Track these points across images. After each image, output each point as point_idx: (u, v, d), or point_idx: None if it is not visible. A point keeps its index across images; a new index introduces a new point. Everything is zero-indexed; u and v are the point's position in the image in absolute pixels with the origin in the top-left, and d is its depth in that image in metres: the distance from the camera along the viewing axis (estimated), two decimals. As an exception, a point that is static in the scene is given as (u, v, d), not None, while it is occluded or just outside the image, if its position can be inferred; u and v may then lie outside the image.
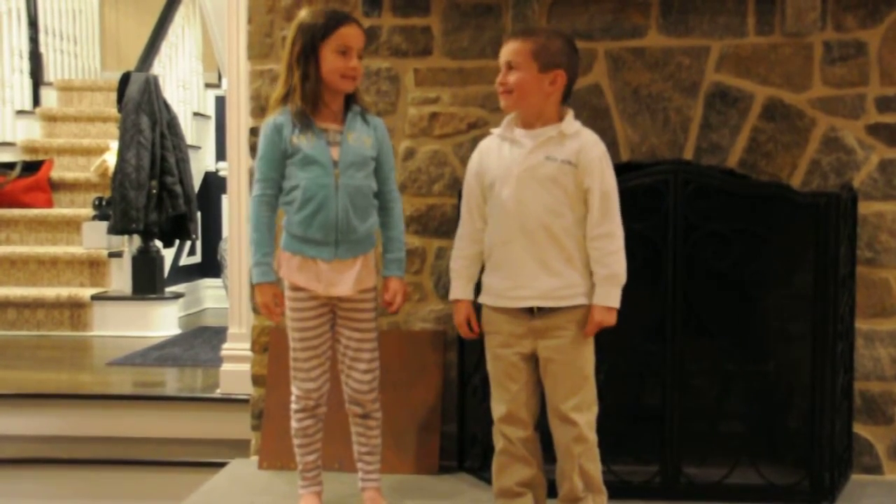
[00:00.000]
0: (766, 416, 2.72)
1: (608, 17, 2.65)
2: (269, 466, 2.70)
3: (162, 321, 4.62)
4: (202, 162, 5.76)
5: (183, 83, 5.63)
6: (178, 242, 5.10)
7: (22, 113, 5.82)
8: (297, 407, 2.29)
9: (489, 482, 2.30)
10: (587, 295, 2.07)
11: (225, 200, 5.15)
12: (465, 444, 2.68)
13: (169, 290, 4.89)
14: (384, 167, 2.27)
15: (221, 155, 5.50)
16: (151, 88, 4.62)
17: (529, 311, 2.09)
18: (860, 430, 2.65)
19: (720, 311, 2.51)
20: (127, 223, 4.49)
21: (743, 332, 2.65)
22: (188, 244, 5.50)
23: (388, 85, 2.74)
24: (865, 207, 2.62)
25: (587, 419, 2.10)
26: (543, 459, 2.20)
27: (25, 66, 5.91)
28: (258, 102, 2.77)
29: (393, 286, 2.28)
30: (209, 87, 6.01)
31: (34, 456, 2.98)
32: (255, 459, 2.77)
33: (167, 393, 3.32)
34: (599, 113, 2.65)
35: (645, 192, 2.42)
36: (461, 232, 2.21)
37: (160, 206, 4.61)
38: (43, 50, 6.10)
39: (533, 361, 2.13)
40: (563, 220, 2.06)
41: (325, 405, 2.31)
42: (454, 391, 2.69)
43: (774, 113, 2.63)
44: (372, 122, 2.26)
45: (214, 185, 5.73)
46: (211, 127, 5.93)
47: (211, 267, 5.69)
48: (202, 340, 4.33)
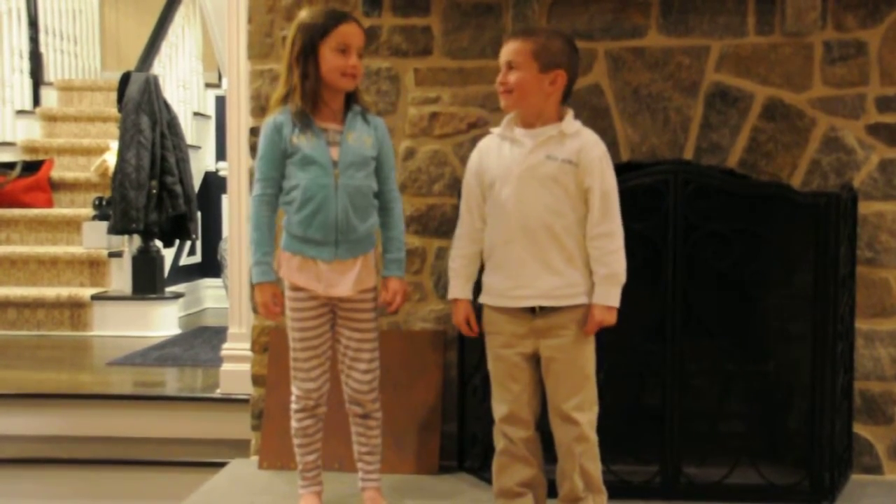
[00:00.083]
0: (766, 416, 2.72)
1: (608, 16, 2.65)
2: (269, 466, 2.70)
3: (162, 321, 4.62)
4: (202, 162, 5.75)
5: (183, 83, 5.63)
6: (178, 242, 5.10)
7: (22, 113, 5.82)
8: (297, 407, 2.29)
9: (489, 482, 2.30)
10: (588, 294, 2.07)
11: (225, 200, 5.14)
12: (465, 443, 2.68)
13: (169, 289, 4.89)
14: (384, 167, 2.27)
15: (221, 155, 5.50)
16: (151, 88, 4.62)
17: (531, 310, 2.09)
18: (860, 430, 2.65)
19: (720, 311, 2.51)
20: (127, 223, 4.49)
21: (743, 332, 2.65)
22: (188, 244, 5.50)
23: (388, 85, 2.74)
24: (865, 207, 2.62)
25: (588, 419, 2.10)
26: (544, 459, 2.20)
27: (25, 65, 5.91)
28: (258, 102, 2.77)
29: (392, 286, 2.27)
30: (209, 86, 6.01)
31: (34, 456, 2.98)
32: (255, 459, 2.77)
33: (167, 393, 3.32)
34: (599, 113, 2.65)
35: (645, 191, 2.42)
36: (460, 231, 2.21)
37: (160, 205, 4.61)
38: (43, 50, 6.10)
39: (534, 361, 2.13)
40: (564, 219, 2.05)
41: (325, 405, 2.31)
42: (454, 391, 2.69)
43: (774, 113, 2.63)
44: (372, 121, 2.26)
45: (214, 184, 5.73)
46: (211, 127, 5.92)
47: (211, 267, 5.69)
48: (202, 340, 4.33)
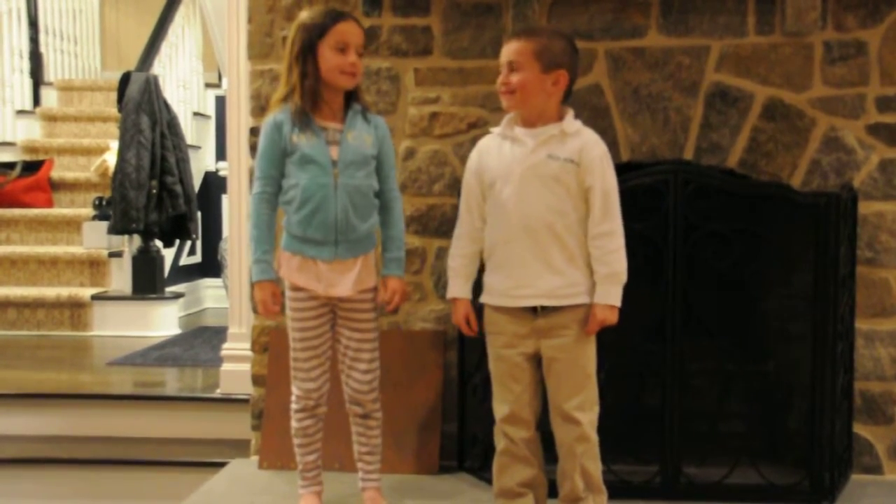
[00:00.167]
0: (766, 416, 2.72)
1: (608, 16, 2.65)
2: (269, 466, 2.70)
3: (162, 321, 4.62)
4: (202, 162, 5.76)
5: (183, 83, 5.63)
6: (178, 242, 5.11)
7: (22, 113, 5.82)
8: (297, 407, 2.29)
9: (489, 482, 2.30)
10: (589, 294, 2.07)
11: (225, 200, 5.14)
12: (465, 443, 2.68)
13: (169, 289, 4.89)
14: (385, 166, 2.27)
15: (221, 155, 5.50)
16: (152, 88, 4.62)
17: (532, 310, 2.09)
18: (860, 430, 2.64)
19: (720, 311, 2.51)
20: (127, 223, 4.49)
21: (743, 332, 2.64)
22: (188, 244, 5.50)
23: (388, 85, 2.74)
24: (865, 207, 2.62)
25: (590, 418, 2.10)
26: (544, 459, 2.20)
27: (26, 65, 5.91)
28: (258, 102, 2.77)
29: (391, 285, 2.27)
30: (209, 86, 6.01)
31: (34, 456, 2.98)
32: (255, 459, 2.77)
33: (167, 393, 3.32)
34: (599, 113, 2.64)
35: (645, 191, 2.42)
36: (460, 231, 2.21)
37: (160, 205, 4.61)
38: (43, 50, 6.10)
39: (535, 361, 2.13)
40: (565, 218, 2.05)
41: (325, 405, 2.31)
42: (454, 391, 2.69)
43: (774, 113, 2.63)
44: (373, 120, 2.25)
45: (214, 184, 5.73)
46: (211, 127, 5.92)
47: (211, 267, 5.69)
48: (202, 340, 4.33)
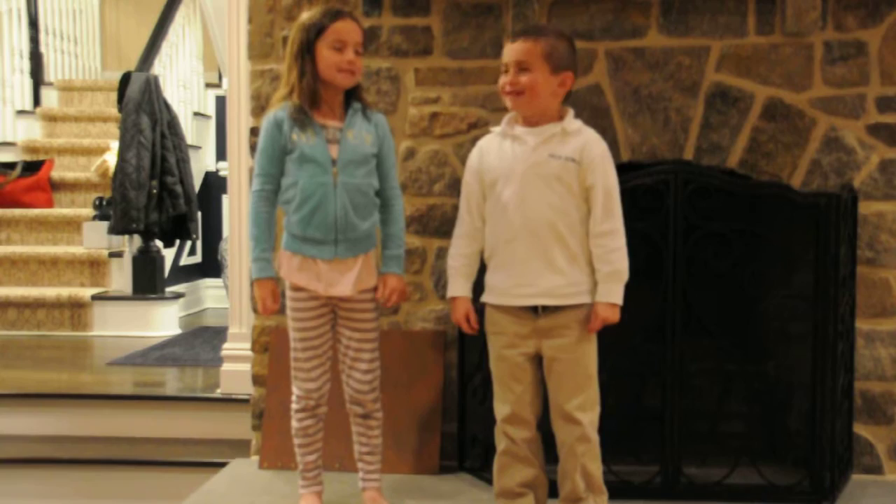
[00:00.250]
0: (766, 416, 2.72)
1: (608, 16, 2.65)
2: (269, 466, 2.70)
3: (162, 321, 4.62)
4: (202, 162, 5.76)
5: (183, 83, 5.63)
6: (178, 242, 5.11)
7: (22, 113, 5.83)
8: (297, 407, 2.29)
9: (490, 482, 2.30)
10: (590, 293, 2.08)
11: (225, 200, 5.16)
12: (465, 443, 2.68)
13: (169, 290, 4.90)
14: (385, 164, 2.26)
15: (222, 155, 5.50)
16: (152, 88, 4.62)
17: (534, 310, 2.09)
18: (861, 430, 2.64)
19: (720, 311, 2.51)
20: (127, 223, 4.49)
21: (743, 332, 2.64)
22: (188, 244, 5.50)
23: (388, 85, 2.74)
24: (866, 207, 2.62)
25: (591, 418, 2.10)
26: (545, 460, 2.20)
27: (26, 66, 5.91)
28: (258, 102, 2.77)
29: (390, 283, 2.26)
30: (210, 86, 6.01)
31: (34, 456, 2.98)
32: (255, 459, 2.77)
33: (167, 393, 3.32)
34: (600, 113, 2.64)
35: (645, 192, 2.42)
36: (460, 230, 2.20)
37: (160, 206, 4.61)
38: (43, 50, 6.10)
39: (537, 361, 2.13)
40: (567, 217, 2.06)
41: (325, 405, 2.31)
42: (455, 391, 2.69)
43: (775, 113, 2.63)
44: (373, 118, 2.25)
45: (215, 184, 5.73)
46: (211, 127, 5.93)
47: (211, 267, 5.69)
48: (202, 340, 4.33)
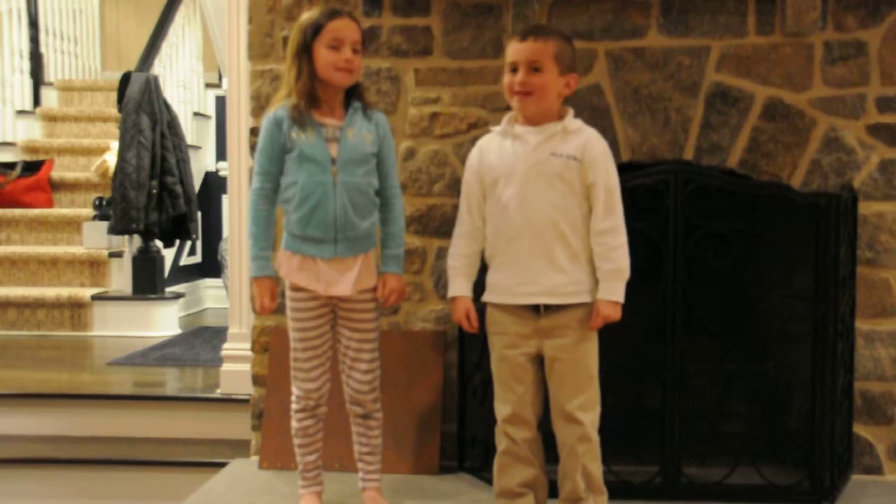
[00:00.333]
0: (766, 416, 2.72)
1: (608, 16, 2.65)
2: (269, 466, 2.70)
3: (162, 321, 4.62)
4: (202, 162, 5.76)
5: (183, 83, 5.63)
6: (178, 242, 5.11)
7: (22, 113, 5.83)
8: (297, 407, 2.29)
9: (489, 482, 2.30)
10: (591, 293, 2.08)
11: (225, 200, 5.15)
12: (465, 444, 2.68)
13: (169, 290, 4.90)
14: (385, 163, 2.26)
15: (222, 155, 5.50)
16: (152, 88, 4.62)
17: (535, 310, 2.09)
18: (860, 430, 2.64)
19: (720, 311, 2.51)
20: (127, 223, 4.49)
21: (743, 332, 2.64)
22: (188, 244, 5.50)
23: (388, 85, 2.74)
24: (866, 207, 2.62)
25: (591, 419, 2.11)
26: (545, 460, 2.20)
27: (26, 66, 5.91)
28: (258, 102, 2.77)
29: (390, 283, 2.26)
30: (209, 86, 6.01)
31: (34, 456, 2.98)
32: (255, 459, 2.77)
33: (167, 393, 3.32)
34: (600, 113, 2.64)
35: (645, 192, 2.42)
36: (460, 230, 2.20)
37: (160, 206, 4.61)
38: (43, 50, 6.10)
39: (538, 361, 2.13)
40: (569, 216, 2.06)
41: (325, 405, 2.31)
42: (454, 391, 2.69)
43: (775, 113, 2.63)
44: (374, 117, 2.25)
45: (215, 185, 5.73)
46: (211, 127, 5.93)
47: (211, 267, 5.69)
48: (202, 340, 4.33)
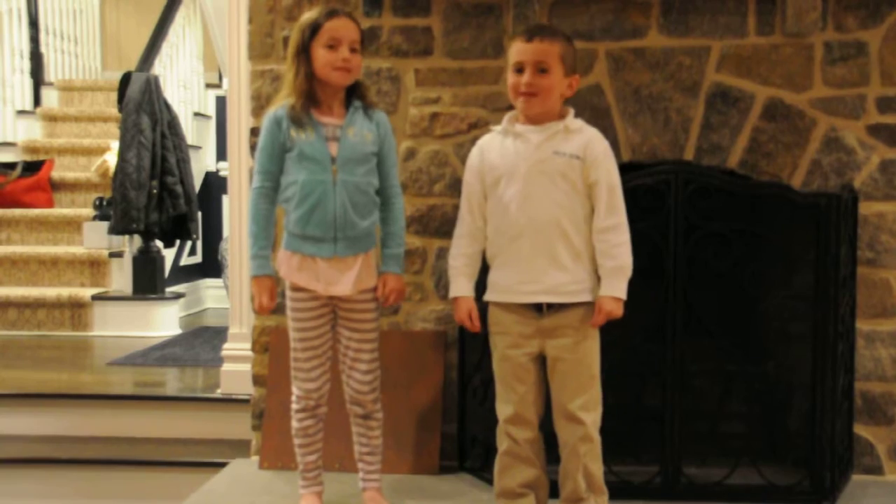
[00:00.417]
0: (766, 416, 2.72)
1: (609, 17, 2.65)
2: (269, 466, 2.70)
3: (162, 321, 4.62)
4: (203, 162, 5.76)
5: (184, 83, 5.63)
6: (178, 242, 5.11)
7: (23, 113, 5.83)
8: (297, 407, 2.29)
9: (490, 482, 2.30)
10: (593, 292, 2.08)
11: (226, 200, 5.15)
12: (465, 444, 2.68)
13: (169, 290, 4.90)
14: (386, 162, 2.26)
15: (222, 155, 5.49)
16: (152, 88, 4.62)
17: (537, 309, 2.09)
18: (861, 430, 2.64)
19: (721, 311, 2.51)
20: (127, 223, 4.49)
21: (744, 332, 2.64)
22: (189, 244, 5.50)
23: (388, 85, 2.74)
24: (866, 208, 2.62)
25: (593, 419, 2.11)
26: (546, 460, 2.20)
27: (26, 66, 5.91)
28: (259, 102, 2.77)
29: (390, 283, 2.26)
30: (210, 87, 6.01)
31: (35, 456, 2.98)
32: (255, 459, 2.77)
33: (168, 393, 3.32)
34: (600, 113, 2.64)
35: (646, 192, 2.42)
36: (461, 230, 2.20)
37: (161, 206, 4.61)
38: (44, 50, 6.10)
39: (540, 361, 2.13)
40: (572, 214, 2.06)
41: (325, 405, 2.31)
42: (455, 391, 2.69)
43: (775, 113, 2.63)
44: (375, 116, 2.25)
45: (215, 185, 5.73)
46: (212, 127, 5.92)
47: (211, 267, 5.69)
48: (203, 340, 4.33)
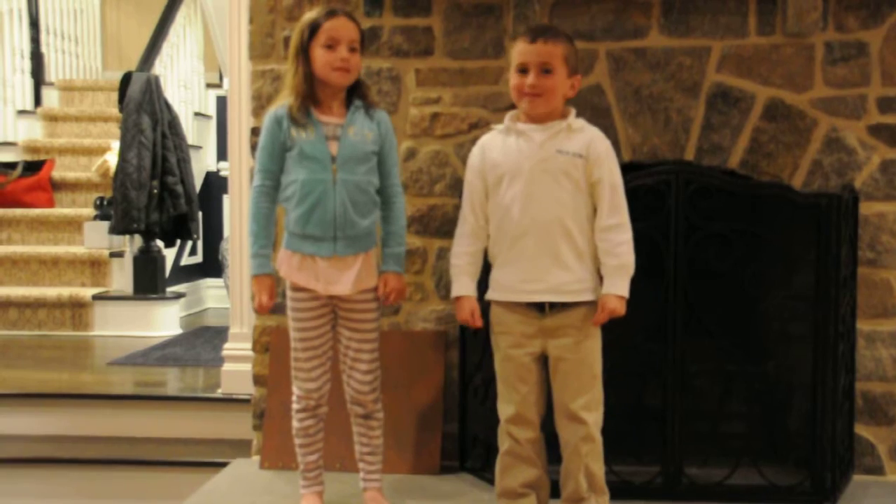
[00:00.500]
0: (767, 416, 2.72)
1: (609, 17, 2.65)
2: (270, 466, 2.70)
3: (163, 321, 4.62)
4: (203, 162, 5.76)
5: (184, 83, 5.63)
6: (179, 242, 5.11)
7: (23, 113, 5.83)
8: (298, 407, 2.30)
9: (491, 482, 2.30)
10: (595, 291, 2.09)
11: (226, 200, 5.15)
12: (466, 444, 2.68)
13: (170, 289, 4.90)
14: (387, 161, 2.26)
15: (223, 155, 5.50)
16: (153, 88, 4.62)
17: (540, 309, 2.09)
18: (862, 430, 2.64)
19: (721, 311, 2.51)
20: (128, 223, 4.49)
21: (744, 332, 2.64)
22: (189, 244, 5.50)
23: (389, 85, 2.74)
24: (867, 208, 2.62)
25: (595, 418, 2.11)
26: (547, 460, 2.20)
27: (27, 65, 5.92)
28: (259, 102, 2.77)
29: (391, 283, 2.26)
30: (210, 86, 6.02)
31: (35, 456, 2.98)
32: (256, 459, 2.77)
33: (168, 393, 3.33)
34: (601, 113, 2.64)
35: (646, 192, 2.42)
36: (463, 229, 2.20)
37: (161, 205, 4.61)
38: (44, 50, 6.11)
39: (542, 361, 2.13)
40: (575, 213, 2.07)
41: (326, 405, 2.31)
42: (456, 391, 2.69)
43: (776, 113, 2.63)
44: (376, 116, 2.25)
45: (216, 184, 5.73)
46: (212, 127, 5.93)
47: (212, 267, 5.69)
48: (203, 340, 4.33)
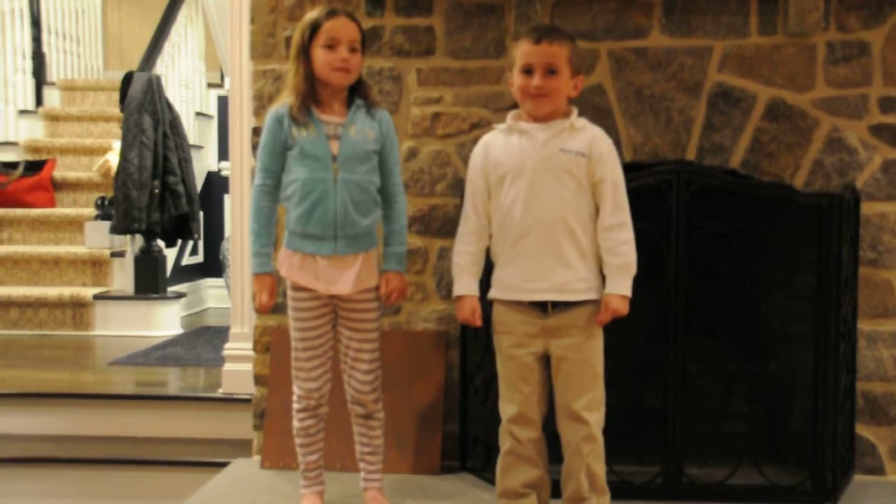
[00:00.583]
0: (768, 416, 2.72)
1: (611, 17, 2.65)
2: (271, 466, 2.70)
3: (164, 321, 4.62)
4: (204, 161, 5.76)
5: (185, 83, 5.64)
6: (180, 242, 5.11)
7: (25, 113, 5.84)
8: (298, 406, 2.30)
9: (491, 482, 2.30)
10: (597, 290, 2.09)
11: (227, 200, 5.16)
12: (467, 444, 2.68)
13: (171, 289, 4.90)
14: (388, 161, 2.26)
15: (224, 155, 5.50)
16: (154, 88, 4.62)
17: (542, 309, 2.09)
18: (862, 430, 2.64)
19: (723, 311, 2.51)
20: (129, 223, 4.49)
21: (745, 332, 2.64)
22: (190, 244, 5.51)
23: (390, 85, 2.74)
24: (868, 208, 2.62)
25: (597, 418, 2.11)
26: (548, 460, 2.20)
27: (28, 65, 5.93)
28: (261, 102, 2.77)
29: (392, 282, 2.26)
30: (212, 86, 6.02)
31: (36, 455, 2.98)
32: (257, 459, 2.77)
33: (169, 393, 3.33)
34: (602, 113, 2.64)
35: (648, 192, 2.42)
36: (465, 228, 2.19)
37: (162, 205, 4.61)
38: (46, 50, 6.12)
39: (544, 361, 2.13)
40: (578, 212, 2.07)
41: (326, 405, 2.31)
42: (456, 391, 2.69)
43: (777, 113, 2.63)
44: (377, 115, 2.25)
45: (217, 184, 5.73)
46: (213, 127, 5.93)
47: (213, 267, 5.70)
48: (204, 340, 4.33)
